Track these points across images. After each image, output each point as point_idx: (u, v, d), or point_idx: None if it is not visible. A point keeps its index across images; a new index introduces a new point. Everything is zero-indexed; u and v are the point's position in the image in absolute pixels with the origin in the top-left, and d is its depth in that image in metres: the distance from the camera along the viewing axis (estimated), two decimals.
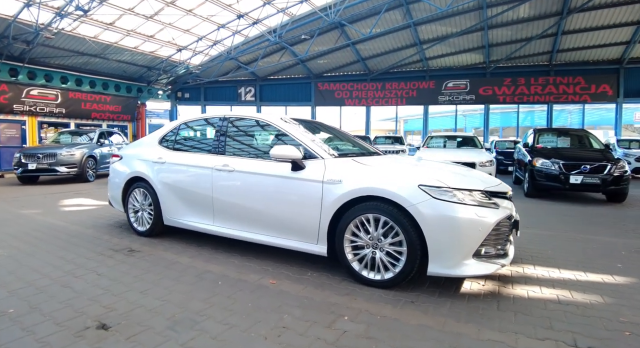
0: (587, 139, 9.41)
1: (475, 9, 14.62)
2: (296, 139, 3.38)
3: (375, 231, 2.88)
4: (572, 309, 2.62)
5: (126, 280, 2.97)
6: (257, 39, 16.73)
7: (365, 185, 2.89)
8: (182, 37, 16.54)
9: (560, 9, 14.12)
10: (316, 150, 3.25)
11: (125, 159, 4.58)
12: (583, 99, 17.45)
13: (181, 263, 3.37)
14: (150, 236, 4.25)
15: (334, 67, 20.14)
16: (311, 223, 3.11)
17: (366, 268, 2.94)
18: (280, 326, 2.28)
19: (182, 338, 2.12)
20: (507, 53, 17.40)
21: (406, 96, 19.95)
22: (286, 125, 3.52)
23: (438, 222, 2.68)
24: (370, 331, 2.26)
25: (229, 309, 2.49)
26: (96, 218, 5.32)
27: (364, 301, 2.67)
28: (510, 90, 18.45)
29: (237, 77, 20.75)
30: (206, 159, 3.78)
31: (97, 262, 3.38)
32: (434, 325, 2.35)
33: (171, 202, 4.00)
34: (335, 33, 16.68)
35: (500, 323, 2.39)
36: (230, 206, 3.57)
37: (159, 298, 2.63)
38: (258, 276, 3.09)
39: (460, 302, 2.70)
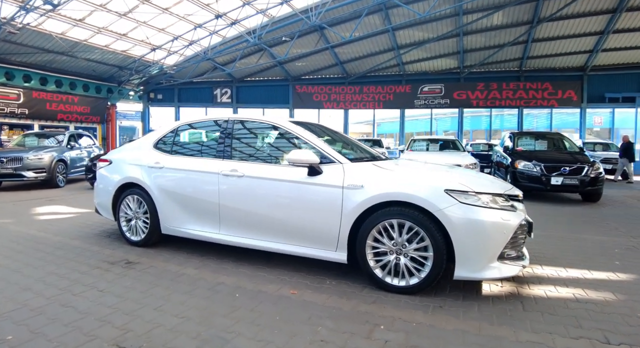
0: (562, 142, 9.84)
1: (452, 15, 15.02)
2: (310, 143, 3.26)
3: (400, 237, 2.82)
4: (591, 307, 2.69)
5: (133, 296, 2.73)
6: (236, 39, 16.43)
7: (390, 191, 2.82)
8: (157, 36, 15.98)
9: (531, 18, 14.76)
10: (333, 154, 3.15)
11: (115, 164, 4.27)
12: (551, 103, 18.31)
13: (188, 275, 3.16)
14: (146, 246, 3.98)
15: (312, 69, 20.10)
16: (330, 229, 3.00)
17: (389, 275, 2.87)
18: (318, 340, 2.16)
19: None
20: (480, 59, 17.99)
21: (383, 100, 20.21)
22: (298, 128, 3.39)
23: (465, 227, 2.67)
24: (411, 339, 2.20)
25: (257, 324, 2.33)
26: (79, 228, 4.94)
27: (393, 308, 2.60)
28: (484, 94, 19.09)
29: (213, 78, 20.28)
30: (211, 164, 3.57)
31: (94, 277, 3.10)
32: (470, 329, 2.33)
33: (170, 209, 3.76)
34: (315, 36, 16.65)
35: (532, 324, 2.41)
36: (239, 213, 3.39)
37: (177, 315, 2.44)
38: (276, 286, 2.94)
39: (486, 305, 2.70)
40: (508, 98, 18.85)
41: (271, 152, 3.54)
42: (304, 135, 3.32)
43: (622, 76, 17.17)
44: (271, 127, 3.61)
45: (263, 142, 3.65)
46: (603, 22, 14.62)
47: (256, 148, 3.61)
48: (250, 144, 3.63)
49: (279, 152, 3.46)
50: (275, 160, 3.38)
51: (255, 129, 3.70)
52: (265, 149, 3.60)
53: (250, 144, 3.63)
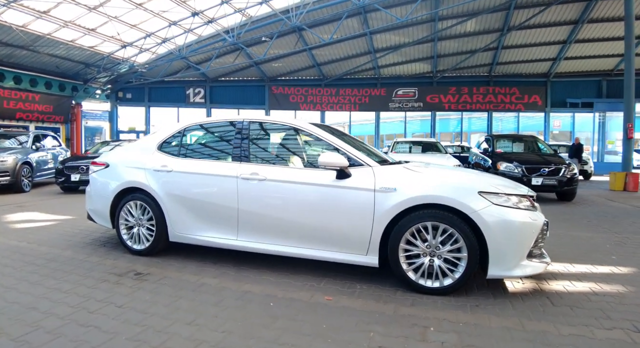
0: (536, 144, 10.34)
1: (428, 21, 15.42)
2: (335, 145, 3.20)
3: (434, 239, 2.82)
4: (610, 299, 2.85)
5: (158, 311, 2.54)
6: (211, 38, 16.01)
7: (427, 193, 2.81)
8: (128, 33, 15.26)
9: (502, 26, 15.44)
10: (361, 157, 3.10)
11: (113, 168, 3.97)
12: (518, 107, 19.22)
13: (210, 285, 2.99)
14: (150, 255, 3.73)
15: (288, 70, 19.96)
16: (361, 233, 2.95)
17: (423, 277, 2.86)
18: (376, 346, 2.12)
19: None
20: (453, 64, 18.58)
21: (359, 102, 20.39)
22: (321, 130, 3.32)
23: (499, 227, 2.73)
24: (464, 339, 2.22)
25: (305, 333, 2.24)
26: (66, 236, 4.57)
27: (434, 310, 2.61)
28: (455, 98, 19.72)
29: (186, 77, 19.65)
30: (227, 167, 3.40)
31: (105, 291, 2.85)
32: (514, 326, 2.40)
33: (180, 215, 3.55)
34: (293, 37, 16.54)
35: (566, 318, 2.51)
36: (260, 218, 3.25)
37: (216, 329, 2.28)
38: (308, 293, 2.84)
39: (517, 302, 2.78)
40: (478, 102, 19.57)
41: (294, 154, 3.43)
42: (329, 137, 3.25)
43: (581, 83, 18.33)
44: (291, 128, 3.50)
45: (283, 144, 3.53)
46: (566, 32, 15.54)
47: (276, 150, 3.49)
48: (270, 146, 3.51)
49: (302, 155, 3.37)
50: (298, 163, 3.28)
51: (274, 130, 3.58)
52: (287, 151, 3.49)
53: (269, 146, 3.51)
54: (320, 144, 3.29)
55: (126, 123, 20.87)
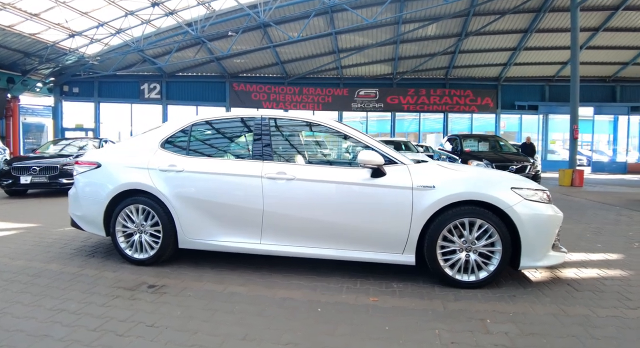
0: (499, 144, 11.01)
1: (392, 23, 15.83)
2: (366, 143, 3.13)
3: (470, 234, 2.87)
4: (619, 283, 3.11)
5: (200, 327, 2.28)
6: (171, 30, 15.20)
7: (465, 190, 2.85)
8: (78, 21, 14.01)
9: (460, 31, 16.25)
10: (395, 155, 3.07)
11: (107, 168, 3.54)
12: (472, 109, 20.36)
13: (241, 294, 2.78)
14: (154, 264, 3.39)
15: (250, 67, 19.51)
16: (398, 232, 2.91)
17: (459, 272, 2.90)
18: (449, 342, 2.11)
19: None
20: (412, 66, 19.25)
21: (322, 102, 20.45)
22: (349, 128, 3.24)
23: (530, 221, 2.85)
24: (523, 328, 2.30)
25: (373, 337, 2.16)
26: (41, 247, 4.01)
27: (478, 302, 2.67)
28: (414, 99, 20.45)
29: (140, 72, 18.50)
30: (249, 166, 3.19)
31: (124, 309, 2.51)
32: (557, 312, 2.53)
33: (193, 219, 3.26)
34: (258, 33, 16.18)
35: (595, 302, 2.71)
36: (288, 220, 3.09)
37: (278, 342, 2.11)
38: (351, 296, 2.75)
39: (546, 290, 2.94)
40: (435, 103, 20.44)
41: (320, 152, 3.31)
42: (359, 135, 3.18)
43: (528, 87, 19.83)
44: (314, 125, 3.36)
45: (308, 141, 3.39)
46: (516, 39, 16.72)
47: (301, 148, 3.35)
48: (293, 143, 3.35)
49: (330, 153, 3.27)
50: (326, 161, 3.18)
51: (295, 127, 3.43)
52: (312, 149, 3.35)
53: (293, 143, 3.35)
54: (348, 142, 3.21)
55: (72, 120, 19.18)
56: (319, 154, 3.31)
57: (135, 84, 19.11)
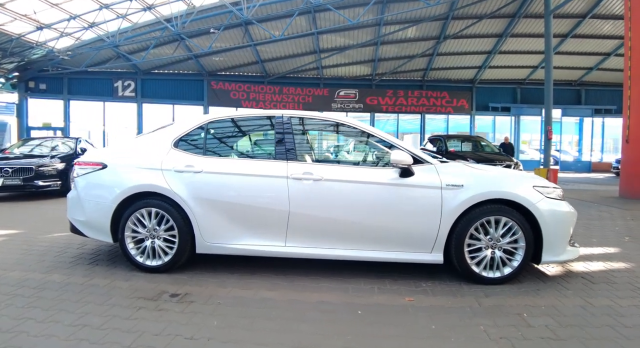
0: (480, 144, 11.39)
1: (374, 25, 16.01)
2: (392, 143, 3.15)
3: (496, 232, 2.95)
4: (627, 274, 3.31)
5: (243, 337, 2.18)
6: (149, 26, 14.68)
7: (492, 189, 2.93)
8: (48, 13, 13.25)
9: (439, 34, 16.67)
10: (421, 155, 3.10)
11: (113, 168, 3.34)
12: (448, 110, 20.92)
13: (273, 300, 2.71)
14: (168, 271, 3.23)
15: (230, 65, 19.17)
16: (427, 231, 2.95)
17: (485, 269, 2.98)
18: (497, 337, 2.16)
19: None
20: (391, 68, 19.56)
21: (302, 101, 20.38)
22: (374, 129, 3.24)
23: (551, 217, 2.97)
24: (560, 320, 2.41)
25: (424, 337, 2.17)
26: (34, 256, 3.68)
27: (509, 297, 2.76)
28: (392, 100, 20.77)
29: (114, 68, 17.75)
30: (274, 166, 3.11)
31: (153, 321, 2.37)
32: (584, 304, 2.66)
33: (213, 223, 3.13)
34: (239, 31, 15.92)
35: (613, 292, 2.88)
36: (316, 221, 3.04)
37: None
38: (385, 296, 2.75)
39: (565, 283, 3.08)
40: (412, 104, 20.85)
41: (346, 152, 3.29)
42: (383, 135, 3.20)
43: (501, 89, 20.60)
44: (338, 125, 3.33)
45: (332, 141, 3.37)
46: (492, 43, 17.34)
47: (326, 148, 3.32)
48: (318, 143, 3.32)
49: (355, 153, 3.26)
50: (352, 161, 3.17)
51: (319, 126, 3.39)
52: (338, 149, 3.34)
53: (317, 143, 3.32)
54: (372, 141, 3.21)
55: (39, 118, 18.11)
56: (343, 154, 3.30)
57: (108, 81, 18.31)
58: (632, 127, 8.36)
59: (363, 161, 3.18)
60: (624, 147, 8.65)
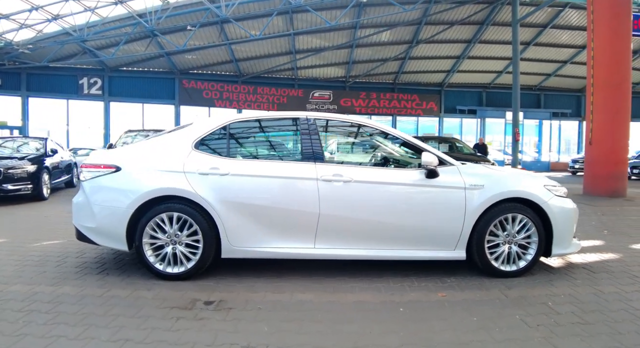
0: (456, 145, 11.90)
1: (350, 27, 16.29)
2: (415, 144, 3.29)
3: (512, 228, 3.17)
4: (618, 264, 3.64)
5: (301, 340, 2.16)
6: (119, 21, 14.09)
7: (511, 189, 3.14)
8: (6, 2, 12.39)
9: (412, 38, 17.23)
10: (443, 156, 3.26)
11: (131, 171, 3.16)
12: (418, 112, 21.64)
13: (311, 302, 2.71)
14: (191, 278, 3.10)
15: (202, 64, 18.78)
16: (452, 230, 3.11)
17: (502, 263, 3.18)
18: (534, 325, 2.34)
19: None
20: (365, 70, 19.97)
21: (277, 102, 20.35)
22: (395, 130, 3.37)
23: (560, 214, 3.23)
24: (582, 307, 2.65)
25: (472, 329, 2.31)
26: (32, 267, 3.36)
27: (529, 288, 2.98)
28: (365, 102, 21.20)
29: (79, 64, 16.85)
30: (302, 168, 3.13)
31: (197, 331, 2.27)
32: (595, 292, 2.93)
33: (241, 226, 3.08)
34: (214, 29, 15.65)
35: (614, 280, 3.19)
36: (345, 223, 3.10)
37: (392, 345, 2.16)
38: (418, 293, 2.86)
39: (571, 274, 3.36)
40: (385, 106, 21.40)
41: (372, 153, 3.39)
42: (406, 137, 3.33)
43: (468, 93, 21.61)
44: (362, 126, 3.43)
45: (358, 143, 3.45)
46: (461, 48, 18.16)
47: (353, 150, 3.39)
48: (344, 145, 3.39)
49: (381, 154, 3.37)
50: (379, 163, 3.27)
51: (344, 128, 3.47)
52: (363, 150, 3.42)
53: (344, 145, 3.39)
54: (396, 143, 3.34)
55: None
56: (369, 156, 3.39)
57: (72, 78, 17.33)
58: (595, 130, 9.09)
59: (388, 162, 3.29)
60: (588, 148, 9.38)
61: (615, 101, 8.90)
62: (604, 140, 8.94)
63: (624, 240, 4.64)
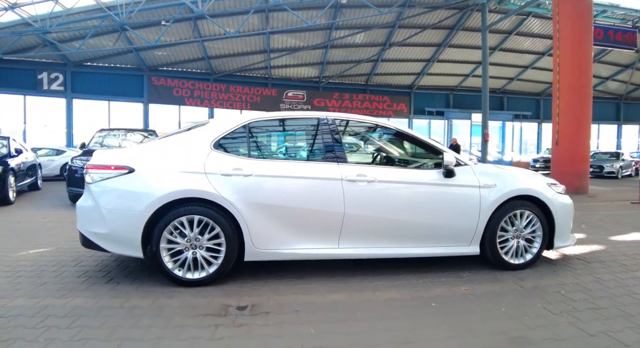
0: None
1: (325, 28, 16.40)
2: (433, 146, 3.42)
3: (520, 224, 3.40)
4: (607, 254, 3.99)
5: (352, 340, 2.18)
6: (85, 13, 13.36)
7: (520, 187, 3.36)
8: None
9: (385, 41, 17.62)
10: (457, 156, 3.42)
11: (146, 173, 3.02)
12: (388, 114, 22.11)
13: (344, 302, 2.75)
14: (212, 283, 3.02)
15: (173, 61, 18.17)
16: (468, 226, 3.27)
17: (512, 257, 3.40)
18: (558, 312, 2.55)
19: None
20: (338, 71, 20.16)
21: (250, 101, 20.09)
22: (411, 131, 3.50)
23: (561, 209, 3.51)
24: (591, 293, 2.91)
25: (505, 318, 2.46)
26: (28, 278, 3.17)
27: (538, 279, 3.22)
28: (338, 103, 21.37)
29: (38, 58, 15.78)
30: (326, 169, 3.15)
31: (243, 339, 2.22)
32: (597, 280, 3.22)
33: (266, 228, 3.05)
34: (187, 26, 15.21)
35: (608, 269, 3.50)
36: (369, 222, 3.16)
37: (439, 338, 2.27)
38: (441, 288, 2.99)
39: (571, 264, 3.66)
40: (357, 107, 21.65)
41: (392, 154, 3.48)
42: (424, 138, 3.46)
43: (437, 95, 22.39)
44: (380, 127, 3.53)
45: (378, 143, 3.53)
46: (431, 52, 18.80)
47: (373, 150, 3.47)
48: (365, 145, 3.46)
49: (401, 155, 3.47)
50: (398, 163, 3.38)
51: (364, 129, 3.54)
52: (383, 151, 3.50)
53: (365, 145, 3.46)
54: (413, 144, 3.46)
55: None
56: (389, 156, 3.48)
57: (30, 72, 16.16)
58: (561, 131, 9.78)
59: (405, 162, 3.41)
60: (554, 148, 10.08)
61: (578, 104, 9.62)
62: (569, 141, 9.65)
63: (601, 232, 5.06)
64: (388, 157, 3.53)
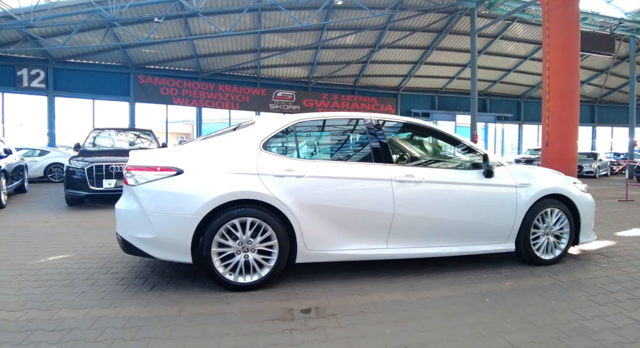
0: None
1: (317, 29, 16.47)
2: (472, 146, 3.55)
3: (551, 221, 3.58)
4: (620, 249, 4.24)
5: (429, 338, 2.29)
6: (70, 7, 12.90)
7: (550, 186, 3.54)
8: None
9: (375, 43, 17.85)
10: (499, 158, 3.58)
11: (196, 174, 2.94)
12: None
13: (404, 302, 2.78)
14: (262, 287, 2.99)
15: (160, 59, 17.79)
16: (505, 224, 3.42)
17: (543, 253, 3.58)
18: (602, 303, 2.71)
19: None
20: (327, 72, 20.26)
21: (239, 101, 19.93)
22: (451, 132, 3.62)
23: (586, 207, 3.72)
24: (623, 285, 3.12)
25: (558, 310, 2.61)
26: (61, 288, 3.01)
27: (573, 273, 3.41)
28: (327, 104, 21.50)
29: (18, 53, 15.12)
30: (375, 169, 3.19)
31: (325, 343, 2.22)
32: (622, 272, 3.44)
33: (318, 229, 3.05)
34: (177, 23, 14.95)
35: (627, 262, 3.75)
36: (417, 222, 3.23)
37: (508, 331, 2.38)
38: (487, 284, 3.10)
39: (594, 259, 3.86)
40: (345, 108, 21.83)
41: (434, 154, 3.57)
42: (462, 138, 3.58)
43: (422, 97, 22.86)
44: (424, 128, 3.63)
45: (422, 145, 3.62)
46: (418, 54, 19.18)
47: (418, 151, 3.55)
48: (409, 146, 3.54)
49: (443, 155, 3.57)
50: (442, 164, 3.48)
51: (406, 130, 3.62)
52: (426, 151, 3.59)
53: (409, 146, 3.54)
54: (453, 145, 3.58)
55: None
56: (433, 157, 3.58)
57: (9, 69, 15.45)
58: (550, 133, 10.21)
59: (448, 163, 3.53)
60: (544, 149, 10.51)
61: (567, 107, 10.06)
62: (558, 142, 10.09)
63: (606, 229, 5.36)
64: (430, 157, 3.64)
